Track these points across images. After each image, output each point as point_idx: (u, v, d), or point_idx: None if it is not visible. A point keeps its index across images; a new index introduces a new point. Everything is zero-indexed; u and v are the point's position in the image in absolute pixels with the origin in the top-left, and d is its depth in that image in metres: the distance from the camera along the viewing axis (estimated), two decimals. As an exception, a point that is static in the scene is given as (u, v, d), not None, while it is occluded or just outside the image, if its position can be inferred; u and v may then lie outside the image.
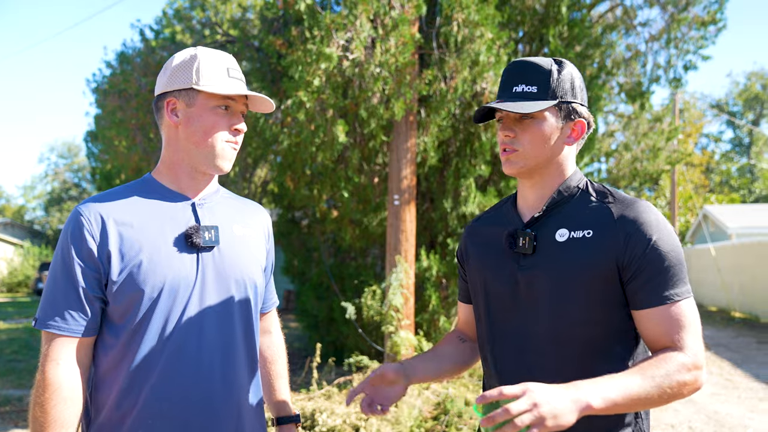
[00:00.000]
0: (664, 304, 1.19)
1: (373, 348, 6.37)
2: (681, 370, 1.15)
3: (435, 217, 6.49)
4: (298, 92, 5.09)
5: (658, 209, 1.26)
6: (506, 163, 1.33)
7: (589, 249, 1.23)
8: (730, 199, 27.11)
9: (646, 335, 1.23)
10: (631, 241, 1.21)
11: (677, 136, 10.67)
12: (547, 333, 1.26)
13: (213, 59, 1.35)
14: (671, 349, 1.18)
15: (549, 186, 1.33)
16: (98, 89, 7.49)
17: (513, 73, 1.32)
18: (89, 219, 1.28)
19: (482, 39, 5.40)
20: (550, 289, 1.26)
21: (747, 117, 35.21)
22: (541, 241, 1.29)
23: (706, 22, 7.05)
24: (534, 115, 1.28)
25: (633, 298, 1.22)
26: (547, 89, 1.28)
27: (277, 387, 1.62)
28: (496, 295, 1.34)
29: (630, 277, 1.21)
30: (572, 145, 1.33)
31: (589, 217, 1.27)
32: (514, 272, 1.31)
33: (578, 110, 1.31)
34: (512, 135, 1.30)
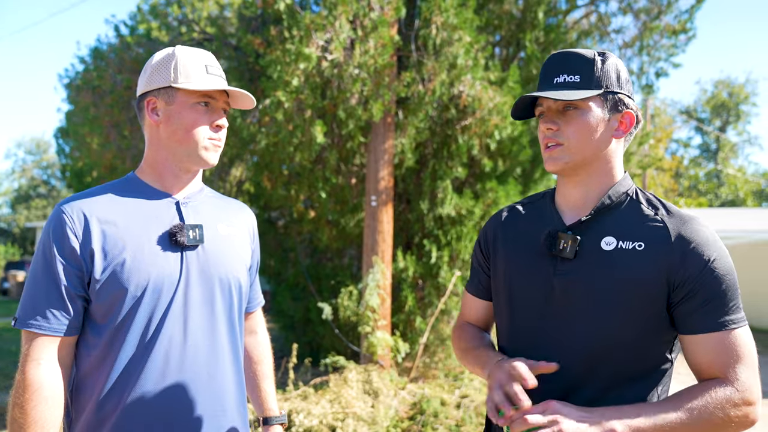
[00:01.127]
0: (718, 330, 1.11)
1: (350, 348, 6.38)
2: (726, 404, 1.07)
3: (412, 219, 6.53)
4: (277, 92, 5.07)
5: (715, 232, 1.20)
6: (549, 160, 1.23)
7: (639, 263, 1.14)
8: (698, 203, 27.83)
9: (694, 362, 1.15)
10: (688, 259, 1.12)
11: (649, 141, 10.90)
12: (578, 347, 1.17)
13: (191, 57, 1.35)
14: (721, 381, 1.10)
15: (595, 186, 1.23)
16: (71, 85, 7.33)
17: (554, 63, 1.23)
18: (72, 217, 1.26)
19: (460, 42, 5.46)
20: (589, 300, 1.16)
21: (714, 123, 36.18)
22: (584, 246, 1.19)
23: (677, 31, 7.24)
24: (578, 104, 1.19)
25: (684, 321, 1.14)
26: (591, 78, 1.19)
27: (263, 387, 1.61)
28: (526, 300, 1.25)
29: (682, 298, 1.12)
30: (620, 139, 1.24)
31: (641, 228, 1.17)
32: (550, 276, 1.21)
33: (625, 101, 1.22)
34: (555, 128, 1.21)
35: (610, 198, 1.22)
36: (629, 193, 1.24)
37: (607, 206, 1.22)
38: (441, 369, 6.05)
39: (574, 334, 1.18)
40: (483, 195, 6.32)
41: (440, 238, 6.25)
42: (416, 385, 5.38)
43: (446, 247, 6.20)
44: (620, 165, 1.26)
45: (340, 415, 4.30)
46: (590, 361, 1.16)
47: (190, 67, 1.33)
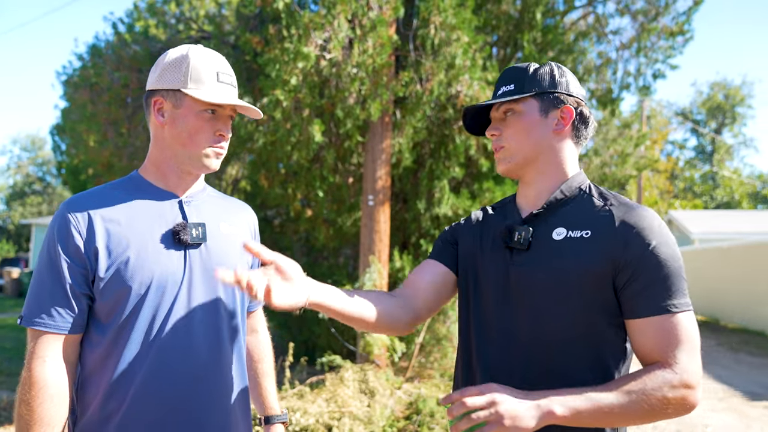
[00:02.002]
0: (659, 314, 1.13)
1: (346, 348, 6.38)
2: (664, 387, 1.09)
3: (408, 218, 6.53)
4: (275, 91, 5.07)
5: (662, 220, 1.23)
6: (498, 163, 1.34)
7: (585, 249, 1.19)
8: (693, 205, 27.93)
9: (637, 348, 1.17)
10: (630, 244, 1.16)
11: (645, 142, 10.95)
12: (533, 333, 1.21)
13: (204, 61, 1.34)
14: (660, 364, 1.12)
15: (547, 183, 1.31)
16: (68, 82, 7.30)
17: (499, 79, 1.36)
18: (76, 215, 1.27)
19: (458, 42, 5.46)
20: (540, 288, 1.22)
21: (710, 125, 36.31)
22: (537, 237, 1.25)
23: (675, 33, 7.26)
24: (514, 109, 1.30)
25: (627, 305, 1.17)
26: (523, 84, 1.30)
27: (264, 385, 1.62)
28: (485, 287, 1.30)
29: (625, 282, 1.16)
30: (564, 133, 1.30)
31: (589, 218, 1.23)
32: (506, 266, 1.27)
33: (562, 98, 1.29)
34: (498, 133, 1.33)
35: (563, 192, 1.29)
36: (582, 188, 1.30)
37: (560, 200, 1.28)
38: (437, 369, 6.06)
39: (529, 321, 1.22)
40: (480, 195, 6.33)
41: (436, 238, 6.24)
42: (412, 384, 5.38)
43: (443, 246, 6.20)
44: (572, 162, 1.32)
45: (336, 414, 4.30)
46: (545, 349, 1.20)
47: (201, 72, 1.32)
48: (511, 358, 1.23)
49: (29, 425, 1.20)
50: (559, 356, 1.20)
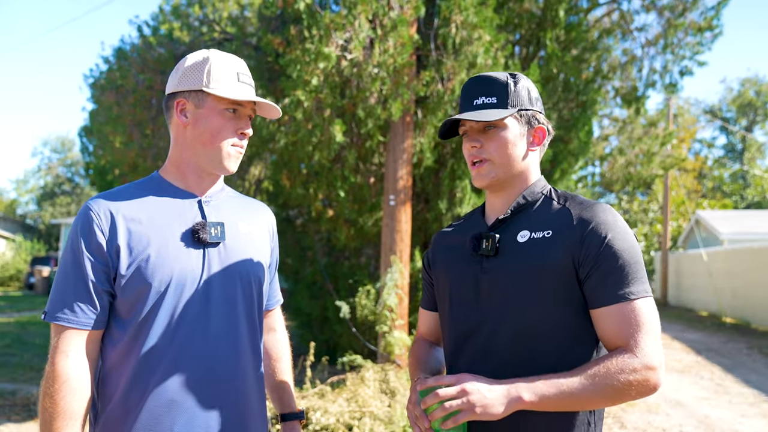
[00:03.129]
0: (618, 302, 1.19)
1: (367, 347, 6.39)
2: (626, 370, 1.15)
3: (430, 218, 6.51)
4: (296, 91, 5.10)
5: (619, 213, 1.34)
6: (477, 176, 1.36)
7: (548, 248, 1.26)
8: (722, 205, 27.30)
9: (602, 335, 1.23)
10: (587, 239, 1.22)
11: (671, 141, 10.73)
12: (508, 333, 1.27)
13: (224, 63, 1.38)
14: (622, 349, 1.18)
15: (514, 192, 1.37)
16: (95, 84, 7.45)
17: (472, 87, 1.37)
18: (99, 214, 1.31)
19: (480, 41, 5.42)
20: (510, 290, 1.28)
21: (740, 123, 35.47)
22: (503, 242, 1.32)
23: (703, 28, 7.10)
24: (497, 123, 1.33)
25: (589, 296, 1.23)
26: (506, 99, 1.33)
27: (282, 384, 1.64)
28: (460, 299, 1.36)
29: (586, 275, 1.22)
30: (535, 151, 1.38)
31: (550, 219, 1.30)
32: (477, 274, 1.33)
33: (537, 117, 1.36)
34: (479, 145, 1.34)
35: (525, 198, 1.36)
36: (544, 192, 1.37)
37: (523, 206, 1.35)
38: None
39: (503, 324, 1.28)
40: (502, 195, 6.27)
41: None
42: (433, 385, 5.36)
43: (464, 247, 6.17)
44: (536, 172, 1.40)
45: (356, 414, 4.30)
46: (519, 349, 1.26)
47: (222, 73, 1.36)
48: (490, 362, 1.28)
49: (53, 417, 1.23)
50: (533, 352, 1.25)
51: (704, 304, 15.96)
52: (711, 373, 7.86)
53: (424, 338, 1.57)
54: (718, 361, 8.69)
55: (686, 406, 6.11)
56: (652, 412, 5.88)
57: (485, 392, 1.14)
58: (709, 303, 15.43)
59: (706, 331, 12.15)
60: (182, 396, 1.31)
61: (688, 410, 5.97)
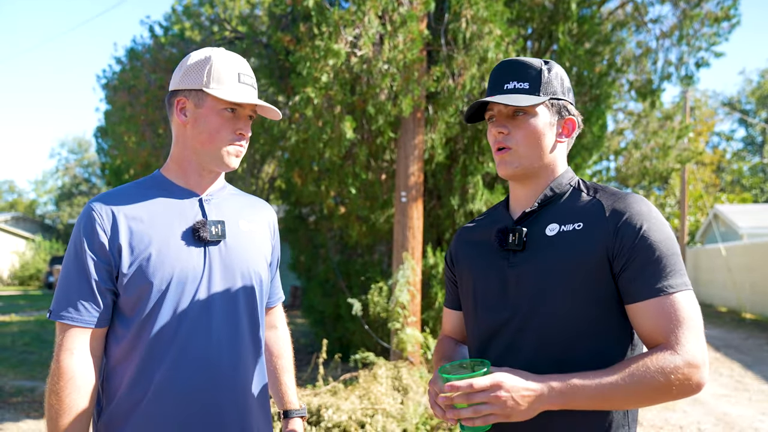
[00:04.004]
0: (656, 296, 1.14)
1: (380, 344, 6.38)
2: (666, 368, 1.09)
3: (442, 215, 6.48)
4: (306, 88, 5.09)
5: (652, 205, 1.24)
6: (501, 163, 1.30)
7: (579, 241, 1.20)
8: (741, 199, 26.86)
9: (639, 331, 1.18)
10: (621, 230, 1.17)
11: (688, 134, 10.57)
12: (538, 331, 1.22)
13: (226, 63, 1.38)
14: (662, 345, 1.12)
15: (541, 185, 1.31)
16: (108, 85, 7.52)
17: (504, 70, 1.31)
18: (101, 214, 1.32)
19: (491, 36, 5.37)
20: (540, 285, 1.22)
21: (760, 115, 34.84)
22: (531, 236, 1.26)
23: (719, 18, 6.97)
24: (527, 110, 1.27)
25: (625, 291, 1.18)
26: (539, 86, 1.27)
27: (284, 381, 1.64)
28: (486, 296, 1.31)
29: (621, 268, 1.17)
30: (564, 142, 1.33)
31: (580, 210, 1.24)
32: (504, 270, 1.28)
33: (568, 108, 1.31)
34: (505, 132, 1.28)
35: (552, 190, 1.30)
36: (572, 184, 1.32)
37: (550, 198, 1.29)
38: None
39: (532, 322, 1.22)
40: (515, 190, 6.22)
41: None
42: (446, 382, 5.34)
43: (477, 243, 6.13)
44: (564, 163, 1.34)
45: (369, 411, 4.30)
46: (550, 348, 1.20)
47: (223, 73, 1.36)
48: (517, 359, 1.23)
49: (58, 414, 1.25)
50: (565, 351, 1.20)
51: (723, 299, 15.73)
52: (730, 370, 7.74)
53: (449, 336, 1.53)
54: (738, 358, 8.56)
55: (704, 404, 6.01)
56: (669, 409, 5.80)
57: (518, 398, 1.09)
58: (728, 298, 15.19)
59: (725, 327, 11.97)
60: (184, 392, 1.32)
61: (707, 408, 5.88)
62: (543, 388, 1.10)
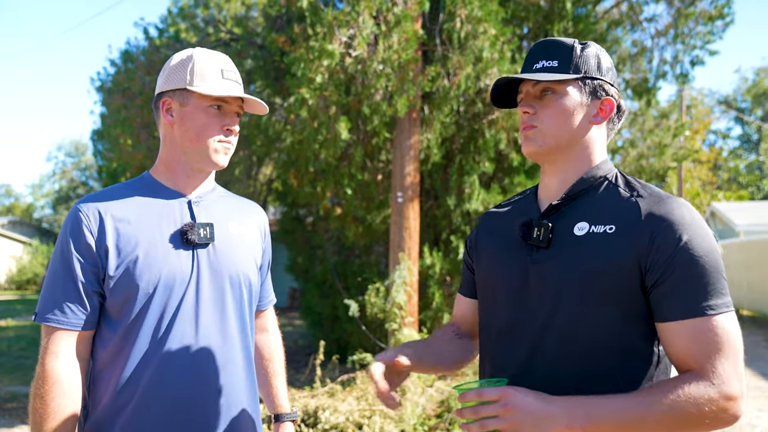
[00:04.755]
0: (693, 317, 1.02)
1: (377, 345, 6.37)
2: (699, 399, 0.98)
3: (439, 215, 6.47)
4: (301, 89, 5.08)
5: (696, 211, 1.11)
6: (524, 141, 1.21)
7: (609, 246, 1.09)
8: (738, 197, 26.93)
9: (670, 353, 1.07)
10: (658, 240, 1.05)
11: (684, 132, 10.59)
12: (554, 335, 1.13)
13: (208, 60, 1.38)
14: (696, 373, 1.01)
15: (573, 172, 1.20)
16: (103, 88, 7.51)
17: (535, 51, 1.23)
18: (87, 215, 1.31)
19: (486, 35, 5.37)
20: (563, 289, 1.12)
21: (756, 113, 34.93)
22: (557, 233, 1.16)
23: (714, 17, 6.98)
24: (555, 89, 1.18)
25: (657, 307, 1.06)
26: (569, 63, 1.18)
27: (275, 384, 1.63)
28: (505, 290, 1.22)
29: (654, 282, 1.05)
30: (600, 125, 1.21)
31: (614, 210, 1.13)
32: (526, 265, 1.18)
33: (605, 88, 1.20)
34: (532, 111, 1.19)
35: (584, 181, 1.19)
36: (608, 177, 1.20)
37: (581, 190, 1.18)
38: (469, 366, 5.99)
39: (547, 318, 1.14)
40: (511, 190, 6.22)
41: (468, 233, 6.18)
42: (444, 382, 5.33)
43: (474, 243, 6.13)
44: (601, 152, 1.23)
45: (366, 413, 4.29)
46: (567, 353, 1.11)
47: (206, 70, 1.36)
48: (532, 364, 1.15)
49: (43, 418, 1.24)
50: (581, 361, 1.11)
51: (721, 297, 15.72)
52: (728, 367, 7.74)
53: (455, 326, 1.43)
54: (735, 355, 8.55)
55: (702, 401, 6.01)
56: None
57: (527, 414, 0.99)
58: (726, 296, 15.21)
59: (722, 324, 11.97)
60: (172, 397, 1.30)
61: (704, 405, 5.88)
62: (556, 409, 1.01)
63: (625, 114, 1.26)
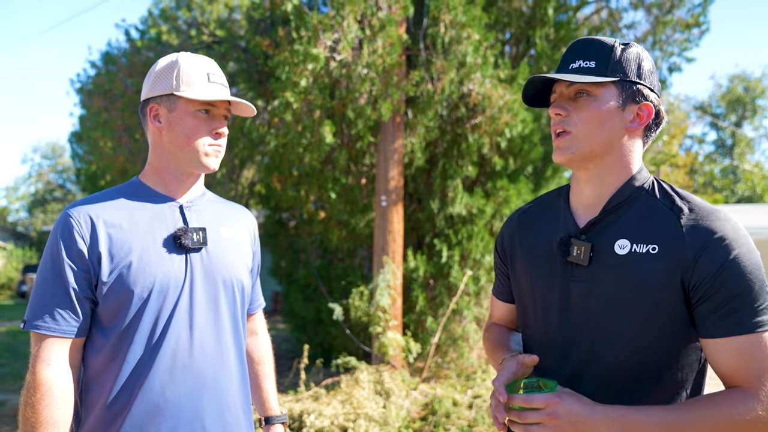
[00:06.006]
0: (740, 334, 1.02)
1: (361, 349, 6.37)
2: (746, 416, 0.98)
3: (422, 218, 6.50)
4: (285, 93, 5.08)
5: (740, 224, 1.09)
6: (557, 150, 1.17)
7: (652, 266, 1.07)
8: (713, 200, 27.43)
9: (717, 368, 1.07)
10: (703, 257, 1.04)
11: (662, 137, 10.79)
12: (596, 356, 1.12)
13: (193, 64, 1.37)
14: (743, 389, 1.02)
15: (608, 183, 1.16)
16: (83, 90, 7.40)
17: (573, 50, 1.18)
18: (79, 221, 1.29)
19: (469, 40, 5.42)
20: (606, 308, 1.11)
21: (730, 119, 35.70)
22: (598, 251, 1.13)
23: (690, 25, 7.14)
24: (590, 91, 1.13)
25: (702, 324, 1.06)
26: (607, 65, 1.13)
27: (265, 387, 1.64)
28: (545, 306, 1.21)
29: (699, 300, 1.05)
30: (637, 132, 1.16)
31: (655, 226, 1.10)
32: (566, 283, 1.16)
33: (644, 93, 1.14)
34: (564, 114, 1.15)
35: (622, 193, 1.15)
36: (645, 187, 1.16)
37: (619, 204, 1.15)
38: (453, 369, 6.02)
39: (593, 342, 1.13)
40: (494, 194, 6.27)
41: (451, 237, 6.21)
42: (428, 385, 5.35)
43: (457, 246, 6.17)
44: (638, 160, 1.18)
45: (351, 416, 4.28)
46: (610, 371, 1.11)
47: (192, 75, 1.35)
48: (574, 380, 1.14)
49: (34, 428, 1.21)
50: (625, 379, 1.11)
51: (697, 299, 16.02)
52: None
53: (500, 325, 1.42)
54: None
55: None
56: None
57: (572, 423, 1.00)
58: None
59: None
60: (167, 402, 1.30)
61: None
62: (601, 418, 1.01)
63: (665, 121, 1.20)
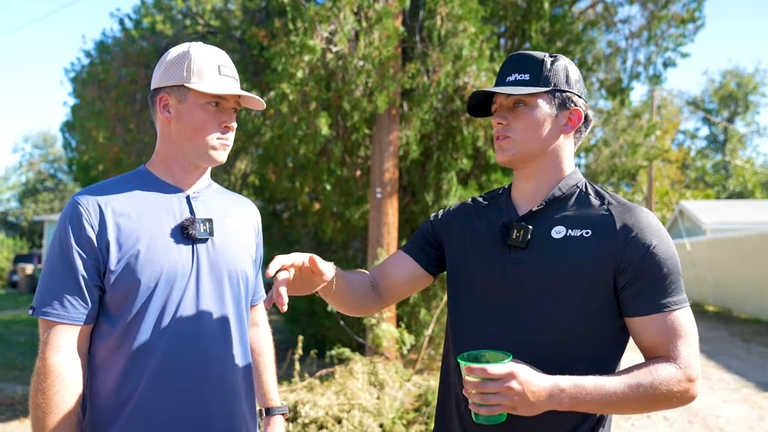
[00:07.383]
0: (660, 312, 1.18)
1: (355, 340, 6.40)
2: (670, 381, 1.14)
3: (417, 211, 6.52)
4: (281, 84, 5.07)
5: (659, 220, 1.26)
6: (499, 150, 1.31)
7: (586, 249, 1.21)
8: (705, 195, 27.67)
9: (640, 343, 1.21)
10: (631, 245, 1.18)
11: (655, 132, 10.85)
12: (529, 332, 1.22)
13: (205, 56, 1.37)
14: (664, 359, 1.17)
15: (546, 179, 1.31)
16: (76, 79, 7.34)
17: (508, 64, 1.32)
18: (87, 209, 1.30)
19: (465, 33, 5.42)
20: (539, 287, 1.22)
21: (722, 114, 35.88)
22: (535, 236, 1.25)
23: (685, 20, 7.16)
24: (526, 101, 1.27)
25: (628, 305, 1.20)
26: (539, 76, 1.27)
27: (265, 378, 1.65)
28: (478, 285, 1.30)
29: (626, 283, 1.19)
30: (569, 135, 1.32)
31: (589, 218, 1.24)
32: (503, 264, 1.27)
33: (574, 100, 1.29)
34: (505, 122, 1.29)
35: (561, 190, 1.29)
36: (579, 186, 1.31)
37: (558, 198, 1.29)
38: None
39: (526, 322, 1.23)
40: (488, 186, 6.30)
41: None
42: (421, 376, 5.39)
43: (451, 239, 6.19)
44: (570, 160, 1.34)
45: (345, 407, 4.32)
46: (541, 348, 1.21)
47: (203, 66, 1.36)
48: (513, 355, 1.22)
49: (45, 413, 1.23)
50: (555, 355, 1.21)
51: (687, 293, 16.16)
52: (694, 360, 7.97)
53: (375, 278, 1.46)
54: (701, 349, 8.81)
55: (670, 394, 6.19)
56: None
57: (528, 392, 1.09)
58: (692, 292, 15.65)
59: (689, 319, 12.30)
60: (173, 391, 1.31)
61: (672, 397, 6.05)
62: (553, 388, 1.11)
63: (592, 123, 1.36)
